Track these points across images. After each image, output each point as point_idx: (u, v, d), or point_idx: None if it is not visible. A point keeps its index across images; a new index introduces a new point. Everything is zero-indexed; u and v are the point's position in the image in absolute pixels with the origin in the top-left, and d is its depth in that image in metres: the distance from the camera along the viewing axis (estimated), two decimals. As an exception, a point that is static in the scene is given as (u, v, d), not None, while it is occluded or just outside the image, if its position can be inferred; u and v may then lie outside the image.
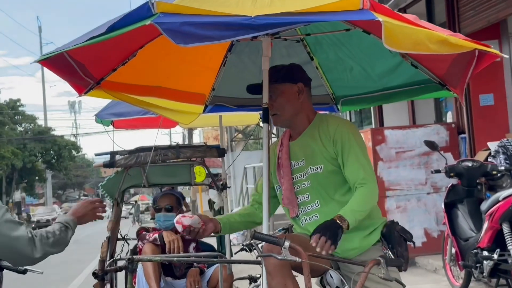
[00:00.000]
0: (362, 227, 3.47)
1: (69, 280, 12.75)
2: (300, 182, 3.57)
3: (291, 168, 3.61)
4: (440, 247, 7.83)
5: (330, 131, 3.48)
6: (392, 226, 3.51)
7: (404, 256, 3.44)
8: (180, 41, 2.80)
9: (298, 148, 3.60)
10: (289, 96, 3.57)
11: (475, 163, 6.99)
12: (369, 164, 3.48)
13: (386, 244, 3.48)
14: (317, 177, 3.51)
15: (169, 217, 5.33)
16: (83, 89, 3.85)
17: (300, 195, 3.58)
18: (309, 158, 3.53)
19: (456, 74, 3.54)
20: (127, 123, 8.47)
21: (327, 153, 3.48)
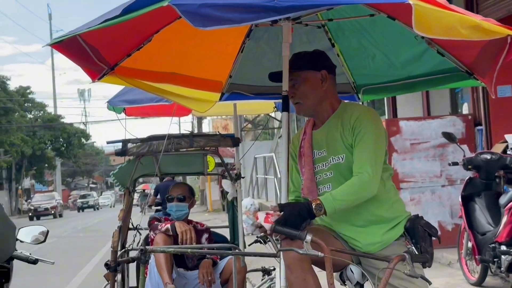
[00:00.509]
0: (385, 221, 3.37)
1: (78, 268, 12.71)
2: (322, 172, 3.45)
3: (313, 157, 3.49)
4: (454, 241, 7.70)
5: (351, 120, 3.36)
6: (416, 220, 3.38)
7: (429, 252, 3.32)
8: (199, 24, 2.67)
9: (321, 137, 3.48)
10: (312, 84, 3.44)
11: (494, 156, 6.84)
12: (377, 157, 3.30)
13: (410, 239, 3.36)
14: (339, 168, 3.39)
15: (181, 207, 5.24)
16: (96, 75, 3.75)
17: (321, 185, 3.46)
18: (331, 148, 3.42)
19: (485, 62, 3.40)
20: (140, 111, 8.37)
21: (347, 141, 3.36)
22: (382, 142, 3.38)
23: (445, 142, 8.26)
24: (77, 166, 66.03)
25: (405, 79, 4.14)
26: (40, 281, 11.12)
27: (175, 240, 5.00)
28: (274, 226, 3.01)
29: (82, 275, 11.83)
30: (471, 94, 9.57)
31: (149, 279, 4.95)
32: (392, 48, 3.96)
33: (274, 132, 26.08)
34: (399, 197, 3.54)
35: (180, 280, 5.03)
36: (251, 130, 28.35)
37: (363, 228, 3.39)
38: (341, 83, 4.34)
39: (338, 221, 3.45)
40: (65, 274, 11.78)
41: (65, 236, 22.52)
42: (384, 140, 3.40)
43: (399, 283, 3.20)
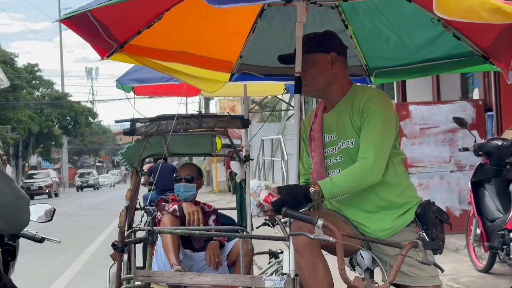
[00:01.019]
0: (395, 206, 3.33)
1: (84, 246, 12.75)
2: (332, 157, 3.40)
3: (324, 141, 3.44)
4: (462, 227, 7.65)
5: (361, 103, 3.29)
6: (427, 206, 3.33)
7: (440, 239, 3.28)
8: (214, 2, 2.62)
9: (331, 120, 3.43)
10: (321, 66, 3.38)
11: (505, 142, 6.77)
12: (383, 143, 3.23)
13: (421, 225, 3.31)
14: (349, 152, 3.34)
15: (189, 188, 5.20)
16: (105, 52, 3.69)
17: (331, 170, 3.41)
18: (341, 132, 3.36)
19: (502, 46, 3.31)
20: (149, 90, 8.30)
21: (356, 125, 3.30)
22: (391, 126, 3.31)
23: (455, 127, 8.19)
24: (83, 145, 66.14)
25: (419, 63, 4.07)
26: (45, 259, 11.15)
27: (182, 221, 4.97)
28: (285, 210, 2.96)
29: (87, 254, 11.86)
30: (482, 80, 9.47)
31: (155, 260, 4.93)
32: (406, 30, 3.88)
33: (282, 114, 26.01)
34: (411, 182, 3.48)
35: (187, 261, 5.01)
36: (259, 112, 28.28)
37: (372, 214, 3.34)
38: (353, 65, 4.27)
39: (347, 206, 3.40)
40: (70, 252, 11.81)
41: (70, 214, 22.59)
42: (393, 125, 3.34)
43: (409, 270, 3.17)
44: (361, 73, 4.37)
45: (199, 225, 4.90)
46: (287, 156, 15.67)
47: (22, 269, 9.37)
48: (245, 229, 4.86)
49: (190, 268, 4.99)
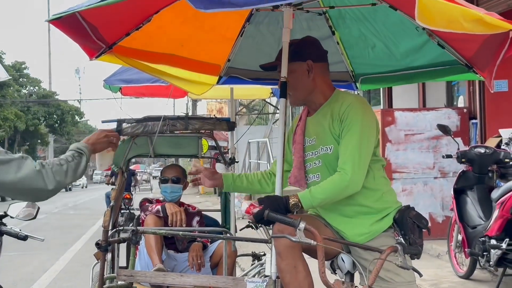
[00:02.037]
0: (373, 212, 3.36)
1: (68, 245, 12.72)
2: (311, 161, 3.45)
3: (304, 145, 3.48)
4: (444, 233, 7.73)
5: (341, 110, 3.31)
6: (406, 211, 3.35)
7: (418, 244, 3.30)
8: (200, 6, 2.64)
9: (312, 125, 3.47)
10: (298, 75, 3.42)
11: (488, 150, 6.85)
12: (361, 153, 3.25)
13: (399, 230, 3.34)
14: (327, 158, 3.37)
15: (176, 189, 5.23)
16: (94, 53, 3.71)
17: (311, 174, 3.45)
18: (321, 137, 3.40)
19: (485, 56, 3.38)
20: (136, 91, 8.33)
21: (335, 132, 3.33)
22: (370, 134, 3.32)
23: (439, 134, 8.27)
24: (70, 143, 65.74)
25: (404, 70, 4.12)
26: (29, 257, 11.12)
27: (166, 222, 5.00)
28: (268, 212, 3.00)
29: (71, 252, 11.84)
30: (467, 88, 9.56)
31: (138, 260, 4.95)
32: (392, 38, 3.93)
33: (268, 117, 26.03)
34: (390, 188, 3.51)
35: (170, 262, 5.03)
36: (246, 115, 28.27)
37: (351, 219, 3.38)
38: (340, 71, 4.32)
39: (327, 210, 3.45)
40: (54, 251, 11.79)
41: (55, 212, 22.51)
42: (373, 132, 3.35)
43: (385, 275, 3.20)
44: (347, 79, 4.41)
45: (182, 226, 4.93)
46: (273, 159, 15.68)
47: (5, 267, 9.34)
48: (228, 231, 4.89)
49: (173, 269, 5.02)
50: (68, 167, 2.95)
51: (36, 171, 2.82)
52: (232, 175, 3.74)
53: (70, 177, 2.95)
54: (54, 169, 2.90)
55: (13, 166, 2.78)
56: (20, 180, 2.77)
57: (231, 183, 3.70)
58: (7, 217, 4.20)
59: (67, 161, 2.97)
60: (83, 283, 6.17)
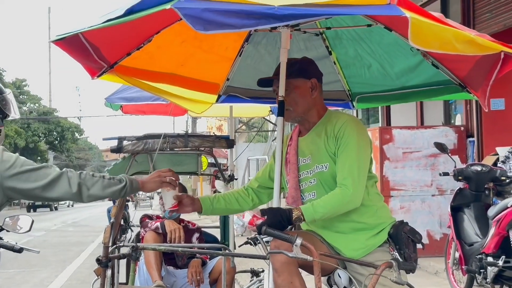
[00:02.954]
0: (368, 227, 3.42)
1: (68, 262, 12.72)
2: (306, 180, 3.51)
3: (298, 164, 3.54)
4: (442, 250, 7.77)
5: (335, 129, 3.40)
6: (400, 226, 3.42)
7: (413, 258, 3.36)
8: (200, 28, 2.71)
9: (306, 144, 3.54)
10: (302, 91, 3.50)
11: (484, 168, 6.91)
12: (360, 169, 3.33)
13: (394, 245, 3.40)
14: (322, 176, 3.44)
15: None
16: (96, 72, 3.79)
17: (306, 193, 3.51)
18: (316, 156, 3.47)
19: (478, 76, 3.46)
20: (137, 109, 8.41)
21: (330, 150, 3.40)
22: (366, 152, 3.41)
23: (437, 152, 8.33)
24: (69, 161, 65.85)
25: (399, 89, 4.20)
26: (28, 274, 11.12)
27: (165, 238, 5.05)
28: (265, 228, 3.06)
29: (70, 269, 11.84)
30: (464, 106, 9.65)
31: (137, 276, 5.00)
32: (388, 58, 4.01)
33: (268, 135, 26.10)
34: (384, 204, 3.58)
35: (169, 278, 5.08)
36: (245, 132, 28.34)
37: (346, 235, 3.43)
38: (336, 90, 4.40)
39: (322, 227, 3.50)
40: (53, 268, 11.80)
41: (54, 230, 22.50)
42: (368, 150, 3.44)
43: None
44: (344, 98, 4.49)
45: (180, 242, 4.98)
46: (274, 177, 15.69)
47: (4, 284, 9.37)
48: (227, 247, 4.94)
49: (172, 285, 5.07)
50: (98, 181, 3.14)
51: (57, 175, 3.08)
52: (209, 198, 3.71)
53: (96, 190, 3.14)
54: (82, 175, 3.13)
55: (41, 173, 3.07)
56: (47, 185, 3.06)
57: (209, 206, 3.66)
58: (2, 231, 4.25)
59: (102, 177, 3.18)
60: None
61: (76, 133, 59.16)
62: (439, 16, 2.89)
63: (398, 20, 2.72)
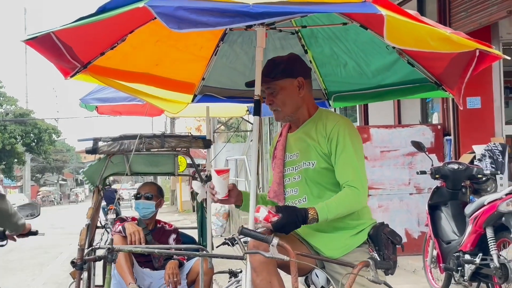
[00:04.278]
0: (349, 227, 3.42)
1: (45, 265, 12.59)
2: (291, 176, 3.50)
3: (285, 160, 3.53)
4: (420, 248, 7.79)
5: (327, 129, 3.40)
6: (380, 228, 3.42)
7: (392, 260, 3.36)
8: (174, 26, 2.68)
9: (294, 141, 3.53)
10: (289, 91, 3.49)
11: (461, 166, 6.94)
12: (361, 167, 3.37)
13: (373, 246, 3.40)
14: (308, 173, 3.43)
15: (147, 205, 5.26)
16: (69, 72, 3.74)
17: (289, 189, 3.51)
18: (303, 153, 3.46)
19: (453, 74, 3.46)
20: (112, 109, 8.34)
21: (321, 149, 3.40)
22: (362, 151, 3.46)
23: (414, 151, 8.36)
24: (47, 162, 65.35)
25: (376, 88, 4.19)
26: (5, 278, 11.00)
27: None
28: (241, 228, 3.03)
29: (48, 272, 11.74)
30: (441, 105, 9.70)
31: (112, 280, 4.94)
32: (363, 56, 4.01)
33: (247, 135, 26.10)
34: (366, 205, 3.58)
35: (145, 280, 5.03)
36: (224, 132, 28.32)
37: (326, 234, 3.43)
38: (313, 89, 4.38)
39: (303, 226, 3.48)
40: (30, 271, 11.67)
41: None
42: (362, 149, 3.48)
43: None
44: (320, 96, 4.47)
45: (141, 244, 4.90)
46: (250, 177, 15.71)
47: (-20, 288, 9.25)
48: (205, 248, 4.91)
49: (148, 287, 5.02)
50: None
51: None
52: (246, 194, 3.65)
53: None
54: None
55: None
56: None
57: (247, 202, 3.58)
58: None
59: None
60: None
61: (54, 134, 58.57)
62: (414, 14, 2.89)
63: (374, 18, 2.70)
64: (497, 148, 7.24)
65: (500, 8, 7.79)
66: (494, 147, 7.25)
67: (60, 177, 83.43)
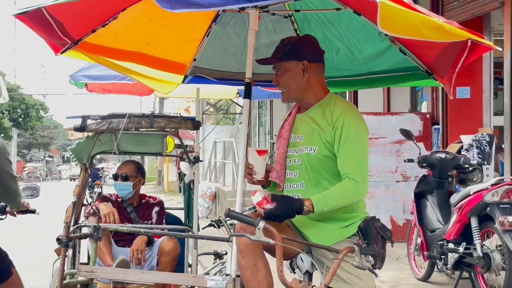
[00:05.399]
0: (341, 219, 3.40)
1: (31, 242, 12.55)
2: (291, 158, 3.48)
3: (289, 141, 3.50)
4: (404, 236, 7.84)
5: (333, 116, 3.36)
6: (371, 222, 3.42)
7: (380, 254, 3.35)
8: (167, 6, 2.67)
9: (301, 123, 3.51)
10: (293, 74, 3.45)
11: (448, 155, 6.98)
12: (364, 160, 3.33)
13: (363, 239, 3.40)
14: (309, 158, 3.41)
15: (124, 186, 5.19)
16: (59, 48, 3.72)
17: (289, 171, 3.49)
18: (307, 137, 3.44)
19: (445, 63, 3.46)
20: (101, 87, 8.28)
21: (324, 136, 3.37)
22: (366, 143, 3.42)
23: (402, 139, 8.38)
24: (34, 138, 65.05)
25: (367, 75, 4.19)
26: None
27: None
28: (228, 210, 3.04)
29: (33, 249, 11.72)
30: (431, 94, 9.72)
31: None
32: (356, 43, 4.00)
33: (236, 117, 26.07)
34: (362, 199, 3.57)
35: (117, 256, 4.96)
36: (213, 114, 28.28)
37: (317, 222, 3.42)
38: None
39: None
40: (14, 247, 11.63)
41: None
42: (367, 141, 3.44)
43: (347, 277, 3.25)
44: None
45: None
46: (238, 159, 15.70)
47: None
48: (190, 229, 4.91)
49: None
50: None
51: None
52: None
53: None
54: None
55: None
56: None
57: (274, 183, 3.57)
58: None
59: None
60: (44, 279, 6.13)
61: (41, 110, 58.35)
62: (408, 2, 2.87)
63: (367, 4, 2.70)
64: (485, 139, 7.27)
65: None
66: (482, 137, 7.28)
67: (46, 153, 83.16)
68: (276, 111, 18.86)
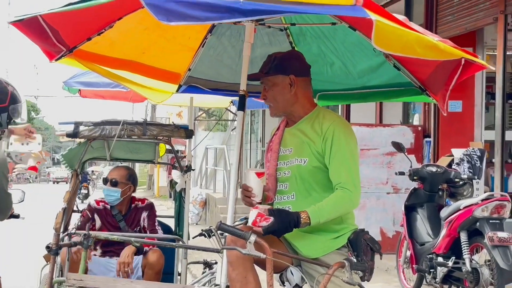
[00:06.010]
0: (331, 230, 3.41)
1: (19, 246, 12.50)
2: (282, 170, 3.50)
3: (279, 154, 3.52)
4: (394, 248, 7.85)
5: (323, 128, 3.39)
6: (360, 234, 3.43)
7: (369, 266, 3.37)
8: (163, 18, 2.68)
9: (290, 136, 3.53)
10: (280, 88, 3.46)
11: (439, 169, 7.00)
12: (355, 170, 3.37)
13: (352, 251, 3.41)
14: (299, 170, 3.43)
15: (112, 192, 5.13)
16: (54, 56, 3.73)
17: (280, 183, 3.51)
18: (297, 149, 3.45)
19: (438, 80, 3.49)
20: (95, 93, 8.25)
21: (314, 148, 3.39)
22: (357, 153, 3.47)
23: (394, 151, 8.39)
24: (24, 140, 64.69)
25: (360, 89, 4.21)
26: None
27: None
28: (219, 223, 3.04)
29: (20, 254, 11.66)
30: (423, 106, 9.75)
31: None
32: (350, 57, 4.02)
33: (228, 124, 26.06)
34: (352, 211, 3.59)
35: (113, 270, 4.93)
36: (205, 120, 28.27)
37: (306, 234, 3.42)
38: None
39: None
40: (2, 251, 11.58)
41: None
42: (357, 150, 3.49)
43: None
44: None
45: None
46: (230, 166, 15.70)
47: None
48: (181, 239, 4.89)
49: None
50: None
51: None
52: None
53: None
54: None
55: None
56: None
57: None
58: None
59: None
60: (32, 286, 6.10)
61: (33, 112, 58.12)
62: (403, 20, 2.90)
63: (363, 20, 2.72)
64: (476, 153, 7.30)
65: (486, 14, 7.84)
66: (473, 152, 7.31)
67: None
68: (268, 119, 18.86)
